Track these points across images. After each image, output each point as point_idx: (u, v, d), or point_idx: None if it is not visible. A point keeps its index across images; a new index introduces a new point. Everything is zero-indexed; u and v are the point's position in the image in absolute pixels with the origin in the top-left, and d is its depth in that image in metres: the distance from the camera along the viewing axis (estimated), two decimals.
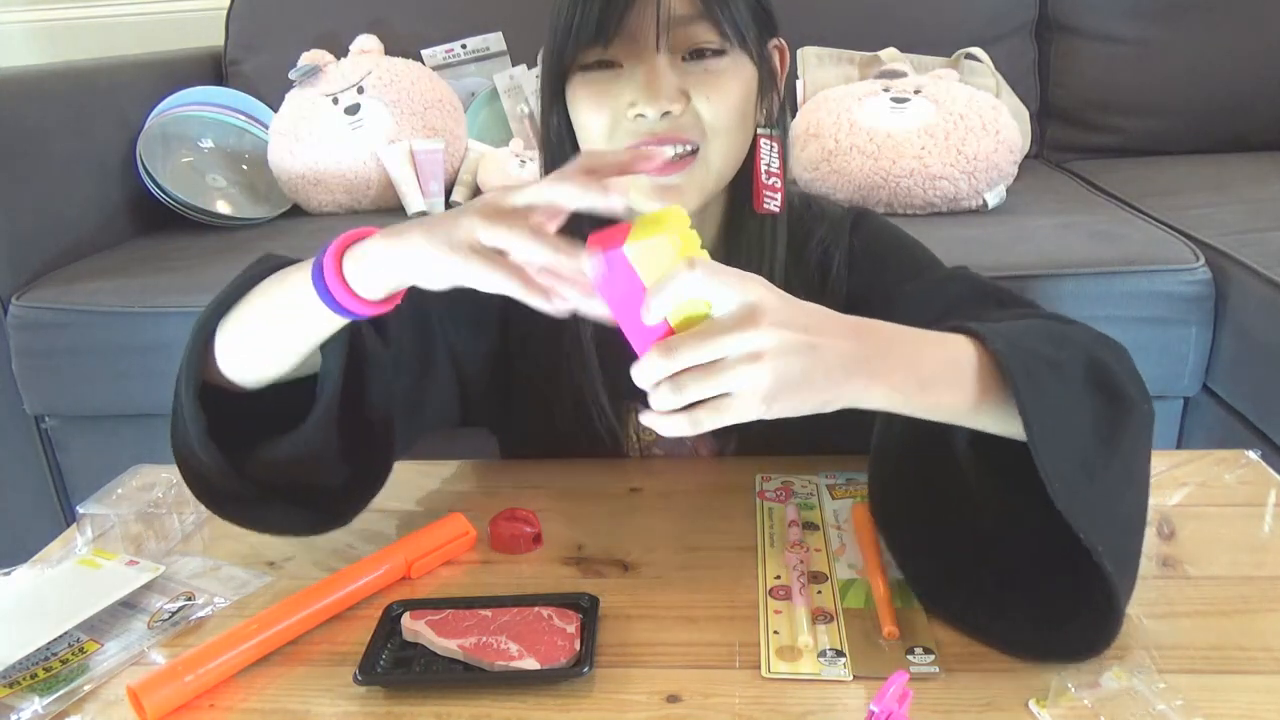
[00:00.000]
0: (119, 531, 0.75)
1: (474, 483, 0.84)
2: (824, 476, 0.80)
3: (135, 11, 2.31)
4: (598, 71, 0.73)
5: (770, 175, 0.78)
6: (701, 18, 0.71)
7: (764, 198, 0.78)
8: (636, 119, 0.71)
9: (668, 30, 0.70)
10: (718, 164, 0.74)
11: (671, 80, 0.71)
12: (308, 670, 0.61)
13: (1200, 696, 0.53)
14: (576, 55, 0.72)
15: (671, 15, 0.70)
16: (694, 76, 0.72)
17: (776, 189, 0.78)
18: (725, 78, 0.72)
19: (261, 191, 1.83)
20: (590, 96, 0.73)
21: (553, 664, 0.58)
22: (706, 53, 0.72)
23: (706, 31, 0.71)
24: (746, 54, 0.73)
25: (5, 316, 1.44)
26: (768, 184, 0.78)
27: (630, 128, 0.72)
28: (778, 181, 0.78)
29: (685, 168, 0.73)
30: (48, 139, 1.58)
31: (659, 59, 0.71)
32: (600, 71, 0.73)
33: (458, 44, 1.94)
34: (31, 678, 0.60)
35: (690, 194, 0.74)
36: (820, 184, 1.55)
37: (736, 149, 0.75)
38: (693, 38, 0.71)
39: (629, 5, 0.70)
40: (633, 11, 0.70)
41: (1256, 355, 1.22)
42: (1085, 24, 1.92)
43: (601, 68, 0.72)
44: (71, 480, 1.55)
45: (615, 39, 0.70)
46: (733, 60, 0.73)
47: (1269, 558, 0.67)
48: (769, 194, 0.78)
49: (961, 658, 0.58)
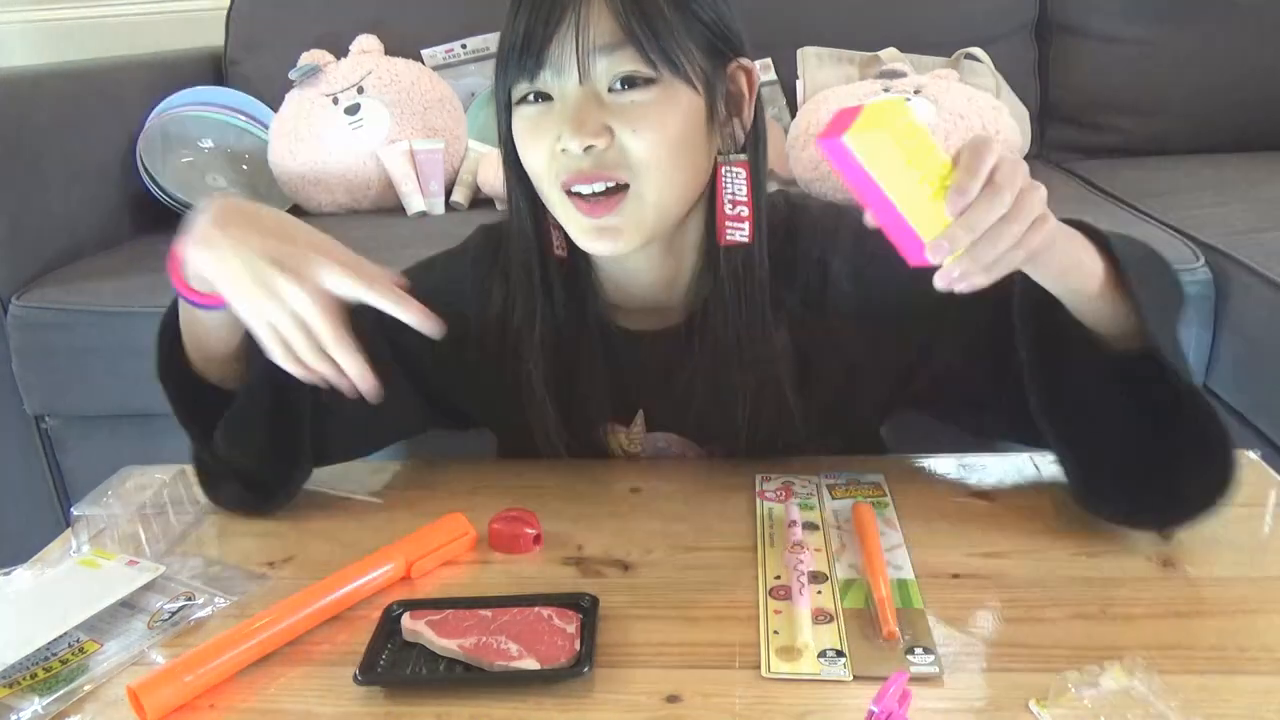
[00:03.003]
0: (114, 533, 0.75)
1: (474, 483, 0.84)
2: (824, 476, 0.80)
3: (135, 11, 2.31)
4: (532, 106, 0.71)
5: (736, 204, 0.74)
6: (626, 44, 0.67)
7: (726, 229, 0.75)
8: (563, 153, 0.69)
9: (590, 60, 0.67)
10: (654, 198, 0.71)
11: (594, 113, 0.68)
12: (308, 670, 0.61)
13: (1200, 696, 0.53)
14: (510, 89, 0.71)
15: (593, 44, 0.67)
16: (620, 108, 0.69)
17: (742, 218, 0.74)
18: (654, 108, 0.69)
19: (261, 191, 1.83)
20: (525, 131, 0.72)
21: (553, 664, 0.58)
22: (637, 81, 0.68)
23: (633, 60, 0.68)
24: (684, 81, 0.69)
25: (5, 316, 1.44)
26: (732, 214, 0.74)
27: (561, 162, 0.70)
28: (744, 210, 0.74)
29: (616, 206, 0.70)
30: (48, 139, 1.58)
31: (582, 90, 0.68)
32: (534, 106, 0.71)
33: (458, 44, 1.94)
34: (31, 678, 0.60)
35: (628, 233, 0.71)
36: (820, 184, 1.56)
37: (679, 183, 0.72)
38: (618, 66, 0.68)
39: (549, 35, 0.67)
40: (554, 42, 0.67)
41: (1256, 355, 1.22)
42: (1085, 24, 1.92)
43: (537, 100, 0.71)
44: (71, 480, 1.55)
45: (540, 71, 0.69)
46: (664, 90, 0.69)
47: (1269, 558, 0.67)
48: (733, 224, 0.74)
49: (961, 658, 0.58)
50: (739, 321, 0.77)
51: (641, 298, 0.81)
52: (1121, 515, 0.70)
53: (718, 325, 0.77)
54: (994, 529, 0.72)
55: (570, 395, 0.81)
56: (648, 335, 0.82)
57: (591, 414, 0.83)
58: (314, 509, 0.81)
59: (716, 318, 0.77)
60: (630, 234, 0.72)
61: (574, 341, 0.80)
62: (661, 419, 0.85)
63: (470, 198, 1.79)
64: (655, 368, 0.81)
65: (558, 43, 0.67)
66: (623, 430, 0.85)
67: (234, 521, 0.80)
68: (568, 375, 0.80)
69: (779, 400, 0.78)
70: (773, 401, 0.78)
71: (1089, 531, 0.71)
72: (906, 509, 0.75)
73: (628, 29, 0.67)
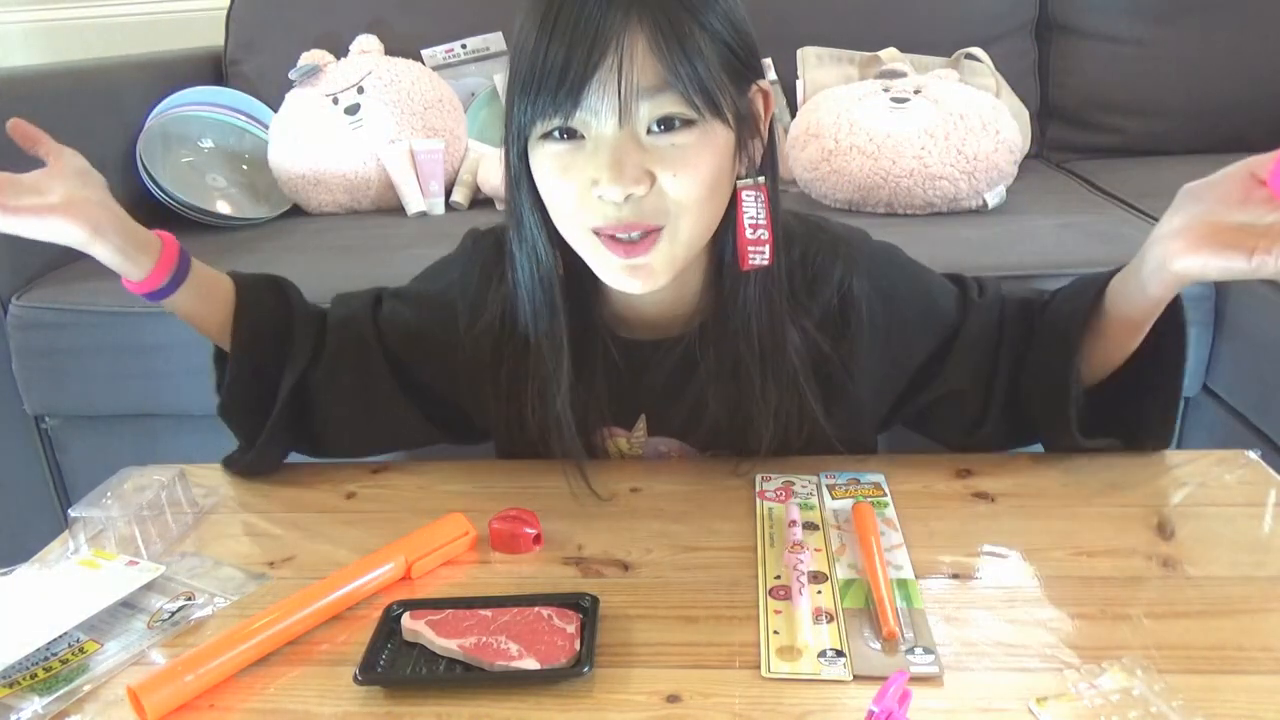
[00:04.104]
0: (113, 534, 0.75)
1: (474, 483, 0.84)
2: (824, 476, 0.80)
3: (135, 11, 2.31)
4: (561, 143, 0.68)
5: (756, 228, 0.73)
6: (668, 88, 0.65)
7: (748, 254, 0.74)
8: (598, 199, 0.67)
9: (632, 102, 0.64)
10: (685, 237, 0.70)
11: (635, 159, 0.66)
12: (308, 670, 0.61)
13: (1200, 696, 0.53)
14: (535, 119, 0.67)
15: (636, 87, 0.64)
16: (660, 152, 0.67)
17: (763, 241, 0.74)
18: (694, 150, 0.67)
19: (261, 191, 1.83)
20: (554, 169, 0.69)
21: (553, 664, 0.58)
22: (676, 123, 0.66)
23: (675, 103, 0.65)
24: (720, 120, 0.68)
25: (5, 316, 1.44)
26: (753, 238, 0.73)
27: (595, 207, 0.68)
28: (764, 233, 0.74)
29: (652, 245, 0.69)
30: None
31: (622, 134, 0.66)
32: (563, 143, 0.68)
33: (458, 44, 1.94)
34: (31, 678, 0.60)
35: (660, 272, 0.71)
36: (820, 184, 1.55)
37: (708, 219, 0.72)
38: (660, 109, 0.66)
39: (589, 74, 0.64)
40: (593, 82, 0.64)
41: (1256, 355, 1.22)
42: (1085, 24, 1.92)
43: (565, 137, 0.68)
44: (71, 480, 1.55)
45: (575, 111, 0.65)
46: (703, 130, 0.67)
47: (1269, 558, 0.67)
48: (754, 249, 0.74)
49: (961, 658, 0.58)
50: (755, 330, 0.77)
51: (645, 312, 0.81)
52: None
53: (730, 337, 0.77)
54: (994, 529, 0.72)
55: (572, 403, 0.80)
56: (648, 345, 0.82)
57: (590, 421, 0.83)
58: (314, 509, 0.81)
59: (729, 330, 0.77)
60: (662, 273, 0.71)
61: (579, 351, 0.80)
62: (663, 425, 0.85)
63: (470, 198, 1.79)
64: (658, 377, 0.81)
65: (598, 84, 0.64)
66: (623, 435, 0.85)
67: (234, 522, 0.80)
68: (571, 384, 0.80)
69: (799, 407, 0.79)
70: (792, 408, 0.79)
71: (1089, 531, 0.71)
72: (906, 509, 0.75)
73: (673, 70, 0.64)
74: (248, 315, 0.84)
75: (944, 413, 0.86)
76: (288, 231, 1.70)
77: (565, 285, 0.77)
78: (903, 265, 0.85)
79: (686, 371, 0.80)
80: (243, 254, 1.53)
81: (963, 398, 0.84)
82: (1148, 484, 0.77)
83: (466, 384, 0.86)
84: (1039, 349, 0.81)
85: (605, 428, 0.85)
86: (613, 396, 0.82)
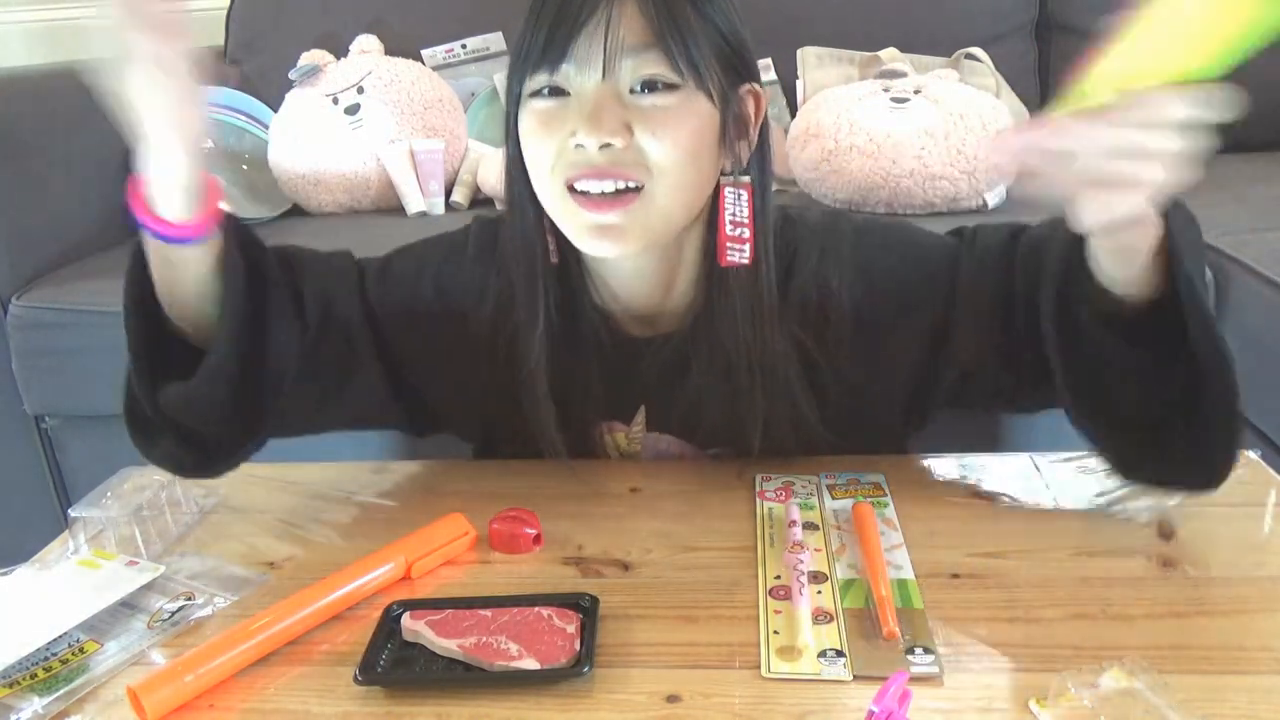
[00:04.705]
0: (113, 534, 0.75)
1: (474, 483, 0.84)
2: (824, 477, 0.80)
3: None
4: (546, 100, 0.70)
5: (737, 226, 0.74)
6: (654, 47, 0.67)
7: (726, 250, 0.75)
8: (577, 149, 0.69)
9: (616, 58, 0.67)
10: (664, 203, 0.71)
11: (615, 111, 0.68)
12: (308, 670, 0.61)
13: (1200, 696, 0.53)
14: (526, 80, 0.70)
15: (622, 43, 0.67)
16: (641, 110, 0.69)
17: (743, 240, 0.74)
18: (675, 114, 0.69)
19: (261, 191, 1.83)
20: (536, 124, 0.71)
21: (553, 664, 0.58)
22: (659, 85, 0.68)
23: (659, 63, 0.68)
24: (704, 93, 0.69)
25: (5, 316, 1.44)
26: (733, 235, 0.74)
27: (571, 158, 0.69)
28: (745, 232, 0.74)
29: (626, 205, 0.70)
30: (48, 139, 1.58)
31: (603, 87, 0.68)
32: (549, 100, 0.70)
33: (458, 44, 1.94)
34: (31, 678, 0.60)
35: (632, 234, 0.71)
36: (820, 184, 1.56)
37: (689, 192, 0.72)
38: (644, 69, 0.68)
39: (577, 29, 0.67)
40: (581, 36, 0.67)
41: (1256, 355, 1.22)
42: (1085, 24, 1.92)
43: (551, 95, 0.70)
44: (71, 480, 1.55)
45: (562, 64, 0.68)
46: (686, 97, 0.69)
47: (1269, 558, 0.67)
48: (733, 246, 0.74)
49: (961, 658, 0.58)
50: (741, 334, 0.76)
51: (634, 305, 0.81)
52: (1155, 481, 0.72)
53: (719, 337, 0.77)
54: (994, 529, 0.72)
55: (566, 396, 0.81)
56: (641, 340, 0.82)
57: (586, 415, 0.83)
58: (314, 509, 0.81)
59: (718, 329, 0.77)
60: (633, 236, 0.71)
61: (570, 343, 0.80)
62: (660, 422, 0.85)
63: (470, 198, 1.79)
64: (652, 373, 0.81)
65: (585, 38, 0.67)
66: (622, 429, 0.85)
67: (234, 521, 0.80)
68: (564, 376, 0.80)
69: (792, 409, 0.78)
70: (785, 410, 0.78)
71: (1089, 531, 0.71)
72: (906, 509, 0.75)
73: (658, 32, 0.67)
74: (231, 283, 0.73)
75: (978, 380, 0.80)
76: (288, 231, 1.70)
77: (557, 275, 0.78)
78: (884, 236, 0.82)
79: (680, 369, 0.80)
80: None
81: (989, 361, 0.78)
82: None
83: (463, 368, 0.83)
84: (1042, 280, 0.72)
85: (603, 423, 0.85)
86: (607, 391, 0.82)
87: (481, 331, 0.81)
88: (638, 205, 0.70)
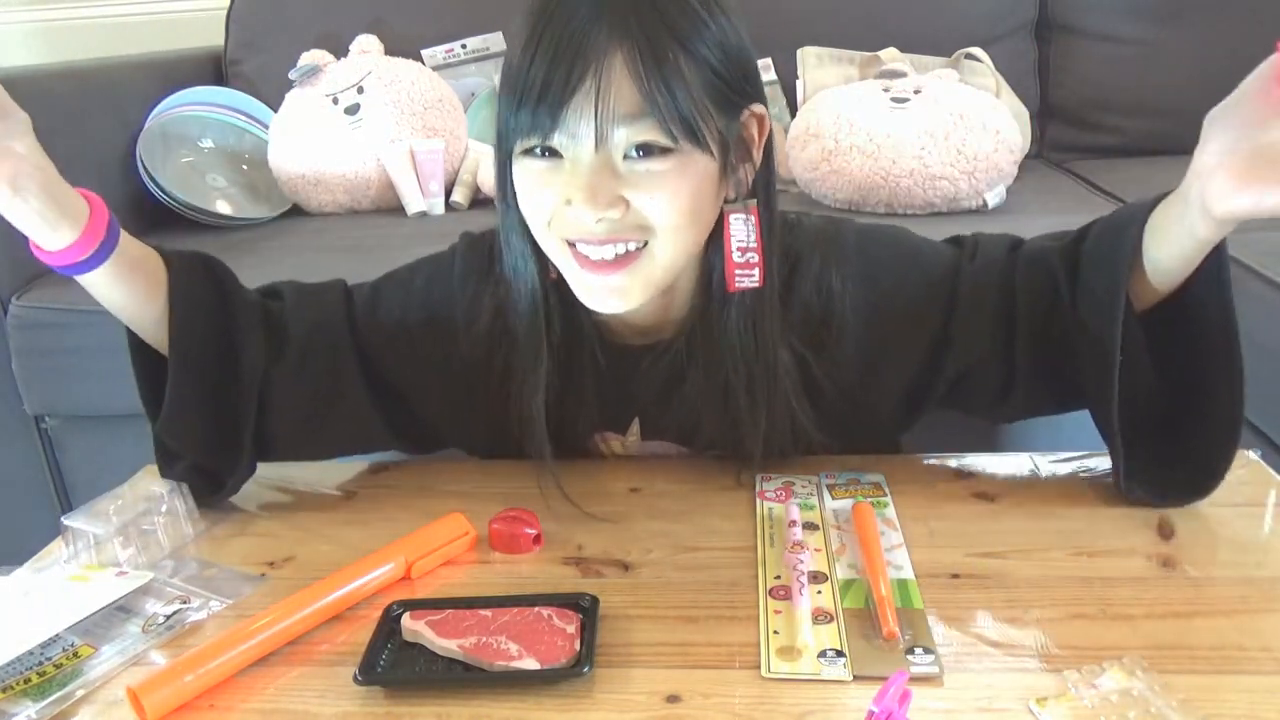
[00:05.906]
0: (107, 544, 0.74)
1: (474, 483, 0.84)
2: (824, 476, 0.80)
3: (135, 11, 2.31)
4: (540, 160, 0.68)
5: (745, 251, 0.73)
6: (646, 115, 0.64)
7: (736, 277, 0.74)
8: (574, 214, 0.68)
9: (609, 127, 0.64)
10: (666, 257, 0.70)
11: (610, 186, 0.66)
12: (308, 670, 0.61)
13: (1200, 696, 0.53)
14: (517, 137, 0.68)
15: (614, 113, 0.64)
16: (637, 176, 0.67)
17: (752, 264, 0.73)
18: (672, 177, 0.67)
19: (261, 191, 1.83)
20: (531, 186, 0.69)
21: (552, 664, 0.58)
22: (654, 150, 0.66)
23: (652, 130, 0.65)
24: (700, 149, 0.67)
25: (5, 316, 1.44)
26: (741, 261, 0.73)
27: (569, 220, 0.68)
28: (754, 257, 0.73)
29: (629, 265, 0.69)
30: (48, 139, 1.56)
31: (597, 158, 0.66)
32: (542, 160, 0.68)
33: (458, 44, 1.94)
34: (25, 682, 0.60)
35: (636, 291, 0.71)
36: (820, 184, 1.55)
37: (686, 242, 0.71)
38: (637, 136, 0.65)
39: (568, 97, 0.64)
40: (571, 106, 0.64)
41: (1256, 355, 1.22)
42: (1085, 24, 1.92)
43: (544, 155, 0.68)
44: (71, 480, 1.55)
45: (553, 132, 0.66)
46: (681, 160, 0.67)
47: (1269, 558, 0.67)
48: (742, 272, 0.73)
49: (961, 658, 0.58)
50: (740, 344, 0.76)
51: (632, 320, 0.80)
52: (1157, 499, 0.73)
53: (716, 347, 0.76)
54: (994, 529, 0.72)
55: (561, 410, 0.80)
56: (636, 350, 0.81)
57: (581, 427, 0.83)
58: (314, 509, 0.81)
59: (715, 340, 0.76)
60: (637, 292, 0.71)
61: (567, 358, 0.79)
62: (656, 431, 0.85)
63: (470, 198, 1.79)
64: (647, 383, 0.81)
65: (575, 108, 0.64)
66: (617, 439, 0.85)
67: (234, 522, 0.80)
68: (560, 390, 0.79)
69: (790, 415, 0.78)
70: (784, 417, 0.78)
71: (1089, 531, 0.71)
72: (906, 509, 0.75)
73: (650, 99, 0.64)
74: (184, 306, 0.77)
75: (971, 385, 0.81)
76: (288, 231, 1.70)
77: (554, 287, 0.77)
78: (886, 243, 0.82)
79: (676, 380, 0.80)
80: (242, 254, 1.53)
81: (985, 367, 0.79)
82: None
83: (458, 387, 0.83)
84: (1080, 304, 0.74)
85: (598, 433, 0.85)
86: (602, 400, 0.82)
87: (476, 350, 0.81)
88: (640, 263, 0.70)
